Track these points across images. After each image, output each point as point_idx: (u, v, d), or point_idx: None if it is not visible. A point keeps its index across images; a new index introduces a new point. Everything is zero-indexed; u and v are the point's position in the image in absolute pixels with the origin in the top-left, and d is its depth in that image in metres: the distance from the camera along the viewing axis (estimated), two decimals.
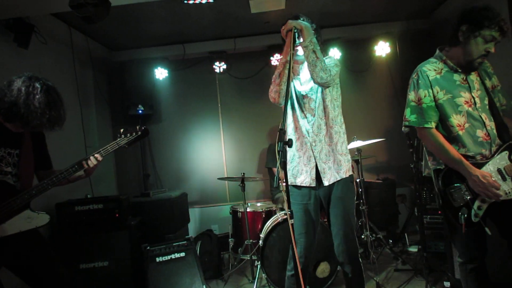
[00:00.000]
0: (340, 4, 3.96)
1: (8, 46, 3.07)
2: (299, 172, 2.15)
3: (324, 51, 2.23)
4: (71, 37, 3.81)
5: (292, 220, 1.60)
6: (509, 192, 1.80)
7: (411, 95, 1.99)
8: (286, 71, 2.01)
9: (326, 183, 2.08)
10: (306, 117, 2.14)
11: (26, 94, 1.89)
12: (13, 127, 1.99)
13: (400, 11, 4.29)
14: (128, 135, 2.21)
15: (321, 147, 2.10)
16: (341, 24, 4.60)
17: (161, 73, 4.66)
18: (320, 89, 2.11)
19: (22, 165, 1.99)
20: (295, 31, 1.97)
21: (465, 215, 1.79)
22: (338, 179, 2.08)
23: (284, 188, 1.80)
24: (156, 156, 4.90)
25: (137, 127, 2.24)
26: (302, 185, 2.15)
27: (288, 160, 2.20)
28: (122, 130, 2.21)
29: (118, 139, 2.19)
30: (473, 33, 1.82)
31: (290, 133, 2.22)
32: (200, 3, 3.36)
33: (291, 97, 2.19)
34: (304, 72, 2.19)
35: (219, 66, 4.75)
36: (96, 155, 2.07)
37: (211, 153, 4.91)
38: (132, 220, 3.35)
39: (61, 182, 2.02)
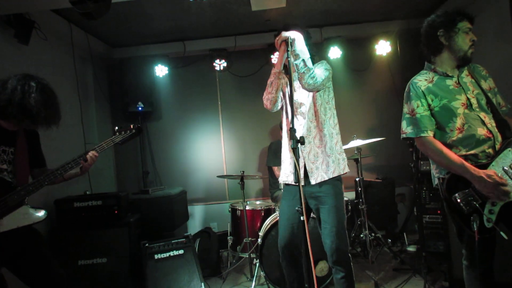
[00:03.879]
0: (341, 2, 3.95)
1: (9, 42, 3.06)
2: (290, 172, 2.29)
3: (318, 55, 2.38)
4: (71, 33, 3.80)
5: (303, 217, 1.71)
6: None
7: (405, 108, 2.04)
8: (278, 81, 2.22)
9: (312, 182, 2.19)
10: (298, 120, 2.28)
11: (22, 93, 1.90)
12: (7, 125, 1.99)
13: (401, 10, 4.28)
14: (123, 132, 2.27)
15: (310, 148, 2.22)
16: (342, 22, 4.59)
17: (161, 70, 4.66)
18: (311, 94, 2.24)
19: (17, 163, 2.00)
20: (290, 41, 2.07)
21: (477, 222, 1.73)
22: (326, 178, 2.18)
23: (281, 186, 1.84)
24: (155, 154, 4.89)
25: (131, 126, 2.30)
26: (292, 183, 2.28)
27: (282, 159, 2.39)
28: (117, 128, 2.28)
29: (113, 137, 2.25)
30: (453, 31, 1.92)
31: (284, 135, 2.37)
32: (201, 0, 3.35)
33: (286, 102, 2.36)
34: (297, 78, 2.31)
35: (220, 64, 4.73)
36: (92, 151, 2.12)
37: (211, 151, 4.91)
38: (131, 217, 3.35)
39: (57, 179, 2.04)
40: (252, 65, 4.87)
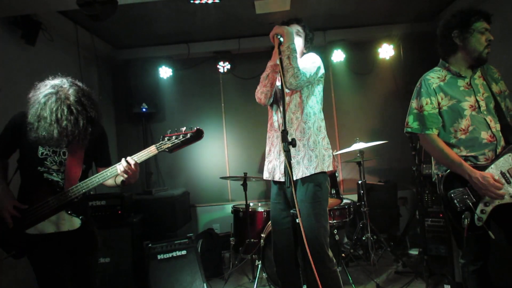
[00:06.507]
0: (345, 6, 3.97)
1: (16, 43, 3.10)
2: (273, 167, 2.21)
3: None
4: (77, 34, 3.84)
5: (299, 219, 1.69)
6: None
7: (414, 103, 2.06)
8: (274, 74, 2.14)
9: (293, 177, 2.05)
10: (280, 112, 2.17)
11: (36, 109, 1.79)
12: None
13: (405, 13, 4.29)
14: (174, 137, 1.94)
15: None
16: (345, 26, 4.61)
17: (165, 72, 4.68)
18: None
19: (67, 164, 1.95)
20: (279, 36, 2.03)
21: (468, 219, 1.79)
22: (307, 174, 2.08)
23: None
24: (158, 155, 4.88)
25: (190, 128, 1.98)
26: (275, 180, 2.21)
27: (266, 155, 2.31)
28: (169, 131, 1.97)
29: (158, 144, 1.94)
30: (468, 32, 1.92)
31: (269, 129, 2.30)
32: (206, 3, 3.37)
33: (277, 96, 2.26)
34: None
35: (223, 66, 4.76)
36: (128, 159, 1.90)
37: (214, 153, 4.92)
38: (134, 217, 3.38)
39: (94, 187, 1.94)
40: (255, 68, 4.87)
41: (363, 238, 3.64)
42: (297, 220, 1.68)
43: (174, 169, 4.91)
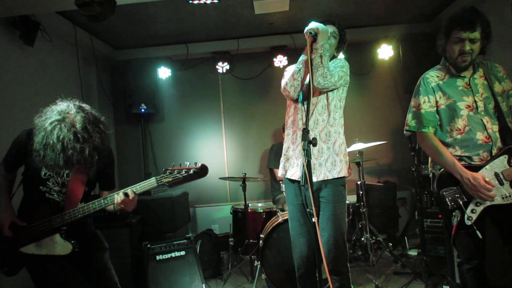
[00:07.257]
0: (344, 6, 3.97)
1: (14, 44, 3.10)
2: (291, 165, 2.18)
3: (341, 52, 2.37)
4: (76, 35, 3.83)
5: (315, 218, 1.68)
6: (507, 197, 1.80)
7: (412, 101, 2.09)
8: (307, 69, 2.07)
9: (314, 179, 2.06)
10: (305, 110, 2.12)
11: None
12: None
13: (404, 14, 4.29)
14: (176, 172, 1.90)
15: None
16: (344, 26, 4.60)
17: (164, 73, 4.68)
18: None
19: (70, 185, 1.95)
20: (313, 33, 2.00)
21: (458, 218, 1.83)
22: (329, 178, 2.08)
23: (284, 189, 1.81)
24: (157, 155, 4.91)
25: (195, 164, 1.93)
26: (292, 178, 2.17)
27: (283, 152, 2.28)
28: (173, 164, 1.94)
29: (158, 177, 1.92)
30: (446, 39, 1.97)
31: (289, 125, 2.26)
32: (205, 3, 3.37)
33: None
34: None
35: (222, 67, 4.76)
36: (128, 191, 1.91)
37: (213, 153, 4.92)
38: (133, 218, 3.36)
39: (93, 212, 1.93)
40: (254, 68, 4.89)
41: (362, 239, 3.64)
42: (313, 219, 1.69)
43: None
